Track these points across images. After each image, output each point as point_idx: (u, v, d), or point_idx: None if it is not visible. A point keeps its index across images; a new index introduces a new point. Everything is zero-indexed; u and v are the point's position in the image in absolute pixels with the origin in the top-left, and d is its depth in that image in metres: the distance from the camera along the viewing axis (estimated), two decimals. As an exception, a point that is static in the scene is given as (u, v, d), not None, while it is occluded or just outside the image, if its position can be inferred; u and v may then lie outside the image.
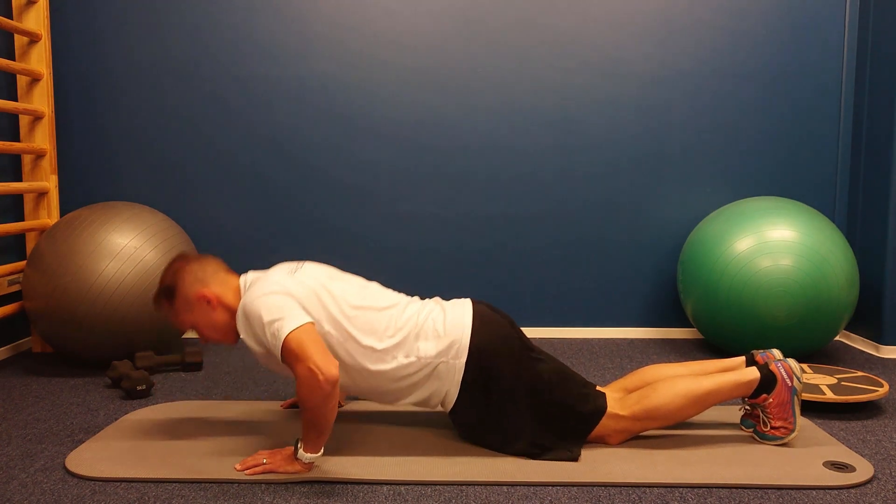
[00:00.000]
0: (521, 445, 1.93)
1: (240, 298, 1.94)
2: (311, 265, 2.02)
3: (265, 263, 3.37)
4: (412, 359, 1.90)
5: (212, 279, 1.96)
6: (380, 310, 1.94)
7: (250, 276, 1.98)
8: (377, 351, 1.90)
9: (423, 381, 1.93)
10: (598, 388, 2.07)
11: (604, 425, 1.97)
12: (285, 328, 1.76)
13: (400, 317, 1.94)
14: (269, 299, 1.82)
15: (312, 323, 1.81)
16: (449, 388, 1.93)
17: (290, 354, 1.75)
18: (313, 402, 1.72)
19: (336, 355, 1.89)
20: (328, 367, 1.71)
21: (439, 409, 2.01)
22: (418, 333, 1.92)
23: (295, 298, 1.84)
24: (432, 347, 1.91)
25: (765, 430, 2.02)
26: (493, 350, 1.92)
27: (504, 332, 1.97)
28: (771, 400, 1.99)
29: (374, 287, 2.04)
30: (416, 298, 2.06)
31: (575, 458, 1.91)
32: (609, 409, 1.97)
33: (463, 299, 2.06)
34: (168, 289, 1.96)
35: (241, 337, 1.88)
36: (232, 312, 1.95)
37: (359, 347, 1.89)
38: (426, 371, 1.92)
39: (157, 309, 2.02)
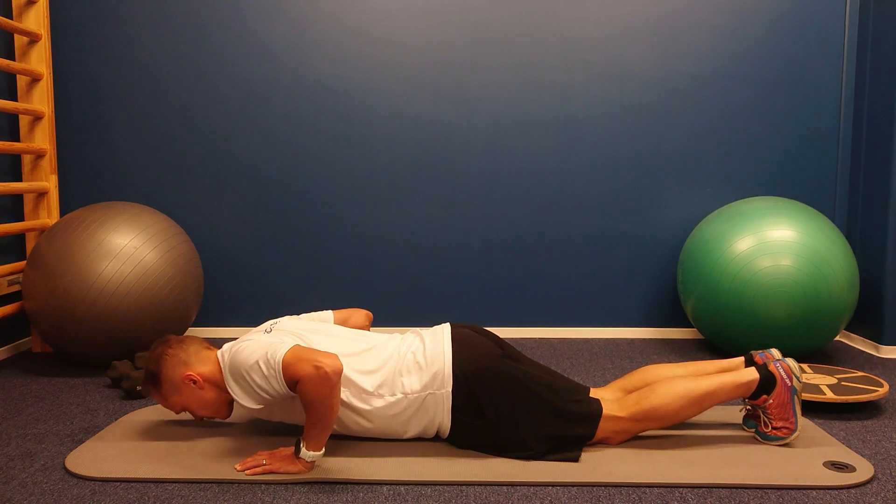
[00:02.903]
0: (528, 454, 1.93)
1: (221, 370, 1.95)
2: (286, 319, 2.07)
3: (265, 263, 3.37)
4: (398, 396, 1.92)
5: (194, 359, 1.97)
6: (358, 353, 1.96)
7: (226, 346, 1.98)
8: (366, 391, 1.91)
9: (413, 417, 1.94)
10: (593, 390, 2.07)
11: (602, 428, 1.97)
12: (278, 354, 1.78)
13: (379, 356, 1.96)
14: (249, 347, 1.84)
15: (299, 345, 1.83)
16: (441, 418, 1.94)
17: (291, 368, 1.76)
18: (321, 395, 1.74)
19: None
20: (332, 360, 1.74)
21: (433, 435, 2.02)
22: (400, 369, 1.93)
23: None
24: (416, 381, 1.92)
25: (766, 430, 2.02)
26: (477, 373, 1.92)
27: (486, 351, 1.97)
28: (771, 401, 1.99)
29: (348, 333, 2.05)
30: (395, 335, 2.07)
31: (575, 459, 1.91)
32: (607, 411, 1.97)
33: (442, 325, 2.06)
34: (154, 376, 1.98)
35: (239, 402, 1.88)
36: (219, 387, 1.97)
37: (347, 390, 1.91)
38: (415, 406, 1.93)
39: (147, 395, 2.03)
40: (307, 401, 1.75)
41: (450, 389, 1.91)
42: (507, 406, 1.92)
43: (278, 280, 3.38)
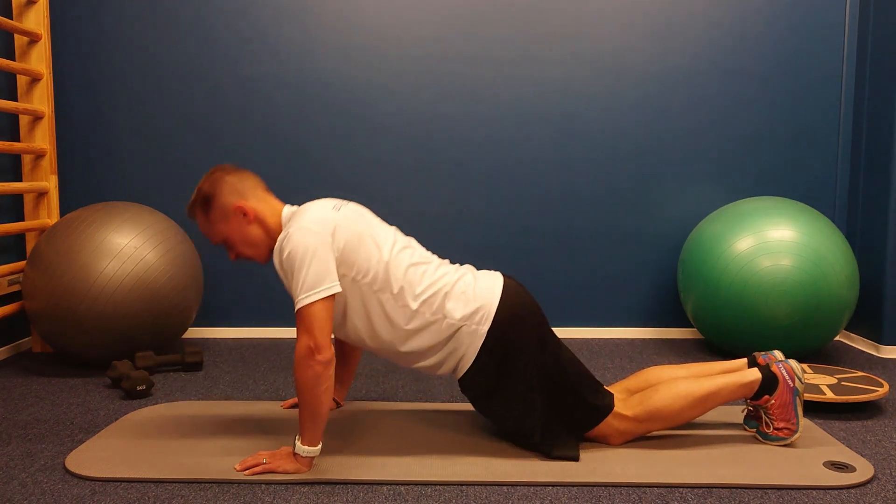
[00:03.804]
0: (529, 424, 1.93)
1: (278, 221, 1.93)
2: (354, 206, 2.00)
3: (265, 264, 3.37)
4: (438, 316, 1.90)
5: (250, 193, 1.94)
6: (415, 264, 1.93)
7: (293, 208, 1.95)
8: (407, 304, 1.89)
9: (442, 343, 1.92)
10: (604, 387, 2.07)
11: (608, 423, 1.97)
12: (310, 297, 1.76)
13: (433, 274, 1.94)
14: (309, 248, 1.78)
15: (334, 296, 1.80)
16: (466, 353, 1.92)
17: (300, 322, 1.77)
18: (305, 379, 1.75)
19: (365, 304, 1.88)
20: (326, 347, 1.75)
21: (445, 374, 1.99)
22: (448, 293, 1.91)
23: (333, 248, 1.82)
24: (459, 310, 1.90)
25: (768, 430, 2.02)
26: (517, 324, 1.92)
27: (531, 309, 1.96)
28: (773, 401, 1.99)
29: (412, 241, 2.03)
30: (448, 261, 2.06)
31: (575, 458, 1.91)
32: (615, 408, 1.98)
33: (495, 271, 2.05)
34: (205, 197, 1.93)
35: (274, 262, 1.85)
36: (266, 230, 1.93)
37: (391, 298, 1.88)
38: (448, 332, 1.91)
39: (191, 217, 1.98)
40: (295, 379, 1.78)
41: (487, 329, 1.90)
42: (533, 365, 1.91)
43: (278, 280, 3.38)
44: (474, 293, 1.93)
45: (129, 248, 2.68)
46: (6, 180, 3.06)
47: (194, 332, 3.39)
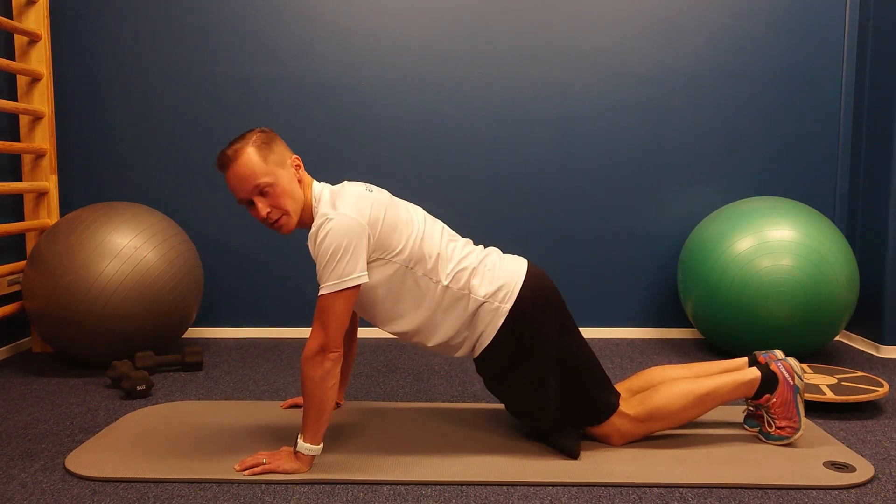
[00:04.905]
0: (541, 406, 1.93)
1: (310, 194, 1.90)
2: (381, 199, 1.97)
3: (266, 263, 3.37)
4: (464, 292, 1.91)
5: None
6: (446, 240, 1.96)
7: (324, 185, 1.93)
8: (439, 280, 1.89)
9: (463, 319, 1.93)
10: None
11: (611, 422, 1.97)
12: (336, 285, 1.77)
13: (461, 250, 1.96)
14: (344, 238, 1.77)
15: (359, 286, 1.81)
16: (485, 330, 1.93)
17: (318, 312, 1.79)
18: (314, 375, 1.78)
19: (398, 283, 1.88)
20: (337, 346, 1.78)
21: (463, 355, 2.00)
22: (475, 269, 1.93)
23: (371, 234, 1.81)
24: (483, 287, 1.91)
25: (770, 430, 2.02)
26: (540, 306, 1.93)
27: (554, 294, 1.98)
28: (774, 400, 1.99)
29: (437, 220, 2.04)
30: (471, 241, 2.07)
31: (575, 456, 1.91)
32: (620, 407, 1.99)
33: (520, 256, 2.06)
34: (265, 139, 1.86)
35: (308, 242, 1.84)
36: (305, 196, 1.90)
37: (423, 273, 1.89)
38: (471, 308, 1.91)
39: (235, 155, 1.82)
40: (303, 379, 1.80)
41: (509, 307, 1.91)
42: (551, 348, 1.91)
43: (279, 280, 3.38)
44: (499, 272, 1.94)
45: (129, 248, 2.68)
46: (6, 180, 3.06)
47: (194, 332, 3.39)
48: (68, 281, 2.61)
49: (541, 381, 1.92)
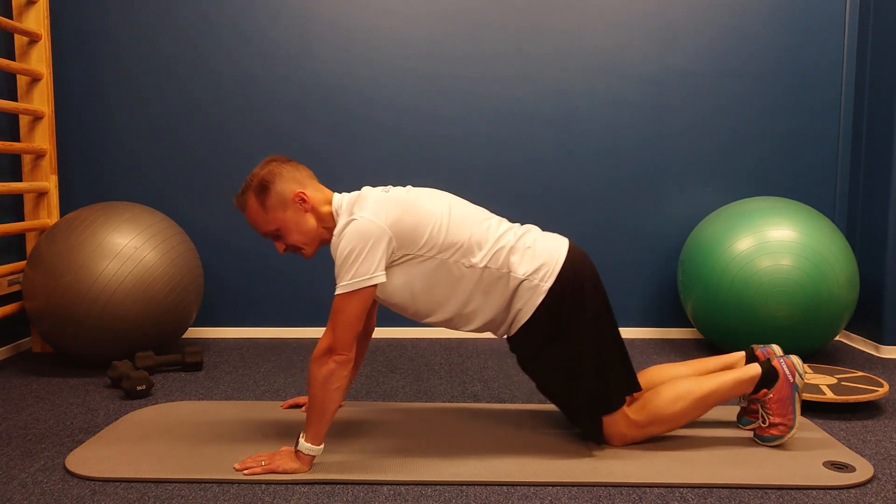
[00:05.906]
0: (574, 386, 1.93)
1: (330, 211, 1.93)
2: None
3: (266, 263, 3.37)
4: (503, 271, 1.90)
5: (308, 182, 1.95)
6: (479, 220, 1.94)
7: (343, 196, 1.95)
8: (473, 263, 1.88)
9: (504, 298, 1.91)
10: None
11: (615, 420, 1.97)
12: (351, 285, 1.78)
13: (497, 229, 1.94)
14: (361, 241, 1.79)
15: (374, 288, 1.81)
16: (523, 308, 1.91)
17: (332, 312, 1.80)
18: (318, 375, 1.79)
19: (431, 274, 1.88)
20: (346, 349, 1.79)
21: (501, 333, 1.99)
22: (513, 247, 1.91)
23: (392, 236, 1.82)
24: (522, 265, 1.90)
25: (763, 427, 2.01)
26: (580, 286, 1.91)
27: (594, 275, 1.96)
28: (771, 395, 1.98)
29: (468, 203, 2.03)
30: (504, 220, 2.04)
31: (600, 441, 1.97)
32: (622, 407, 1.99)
33: (561, 235, 2.04)
34: (263, 184, 1.89)
35: (331, 245, 1.85)
36: (320, 218, 1.93)
37: (457, 258, 1.88)
38: (512, 287, 1.90)
39: (241, 205, 1.93)
40: (308, 377, 1.81)
41: (549, 286, 1.89)
42: (589, 329, 1.91)
43: (279, 280, 3.38)
44: (539, 250, 1.93)
45: (129, 248, 2.68)
46: (6, 180, 3.06)
47: (194, 332, 3.39)
48: (68, 281, 2.61)
49: (577, 360, 1.91)
